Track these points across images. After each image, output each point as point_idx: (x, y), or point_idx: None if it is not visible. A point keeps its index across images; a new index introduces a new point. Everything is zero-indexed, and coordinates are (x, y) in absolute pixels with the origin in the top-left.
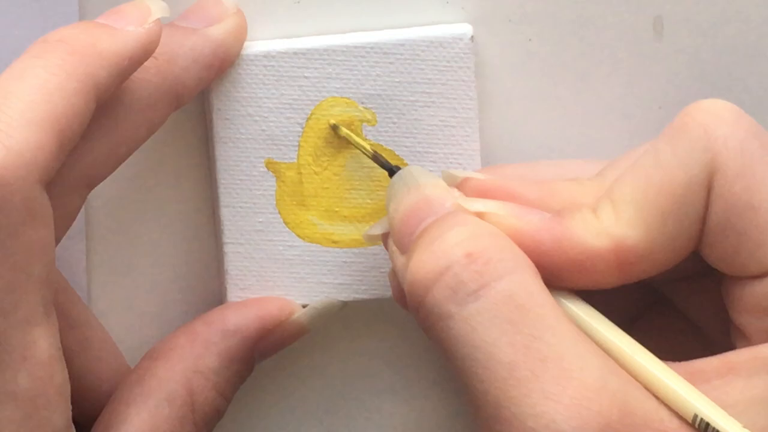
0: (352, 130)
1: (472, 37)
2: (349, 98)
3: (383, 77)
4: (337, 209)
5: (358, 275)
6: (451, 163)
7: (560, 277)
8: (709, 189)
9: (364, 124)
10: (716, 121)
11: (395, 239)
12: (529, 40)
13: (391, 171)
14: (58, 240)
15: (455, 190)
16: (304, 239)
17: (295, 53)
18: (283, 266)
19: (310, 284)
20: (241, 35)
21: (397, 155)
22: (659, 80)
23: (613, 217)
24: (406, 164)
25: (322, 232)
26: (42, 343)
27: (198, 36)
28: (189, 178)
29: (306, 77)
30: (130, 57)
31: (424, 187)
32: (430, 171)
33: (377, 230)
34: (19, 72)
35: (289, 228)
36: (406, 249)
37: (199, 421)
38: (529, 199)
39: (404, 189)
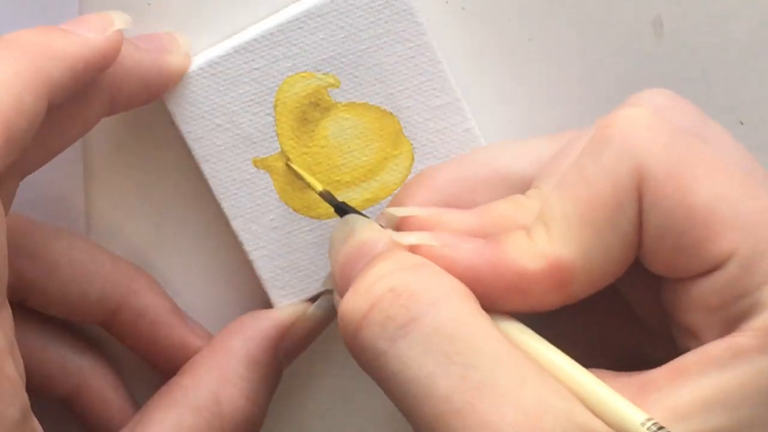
0: (320, 100)
1: None
2: (304, 72)
3: (328, 39)
4: (337, 178)
5: None
6: (425, 91)
7: (500, 302)
8: (640, 196)
9: (330, 89)
10: (636, 128)
11: (337, 290)
12: (530, 40)
13: (339, 209)
14: None
15: (389, 230)
16: (319, 218)
17: (236, 51)
18: (311, 251)
19: None
20: (180, 73)
21: (372, 105)
22: (659, 80)
23: (546, 237)
24: (390, 113)
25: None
26: None
27: (145, 53)
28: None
29: (257, 69)
30: (86, 60)
31: (358, 232)
32: (409, 106)
33: (327, 284)
34: None
35: (301, 214)
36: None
37: (228, 429)
38: (467, 228)
39: (341, 239)
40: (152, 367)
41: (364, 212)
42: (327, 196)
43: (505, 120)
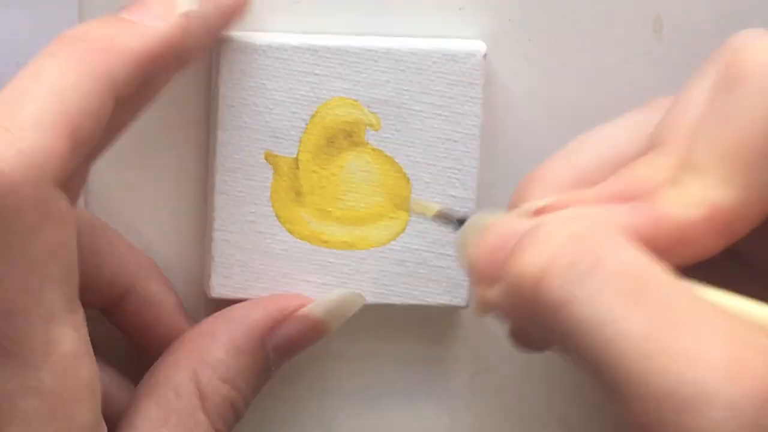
0: (355, 132)
1: (485, 54)
2: (355, 100)
3: (392, 83)
4: (330, 209)
5: (343, 277)
6: (448, 177)
7: (663, 258)
8: None
9: (368, 128)
10: None
11: (482, 279)
12: (529, 40)
13: (461, 222)
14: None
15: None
16: (293, 235)
17: (308, 49)
18: (270, 260)
19: (294, 280)
20: (240, 12)
21: (397, 163)
22: (659, 80)
23: (700, 183)
24: (407, 179)
25: (313, 230)
26: (66, 340)
27: (206, 3)
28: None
29: (316, 74)
30: (151, 54)
31: (499, 222)
32: (427, 182)
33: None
34: (34, 72)
35: (280, 222)
36: (497, 277)
37: (210, 410)
38: (608, 197)
39: (474, 236)
40: (147, 357)
41: (334, 252)
42: (445, 215)
43: (504, 120)
